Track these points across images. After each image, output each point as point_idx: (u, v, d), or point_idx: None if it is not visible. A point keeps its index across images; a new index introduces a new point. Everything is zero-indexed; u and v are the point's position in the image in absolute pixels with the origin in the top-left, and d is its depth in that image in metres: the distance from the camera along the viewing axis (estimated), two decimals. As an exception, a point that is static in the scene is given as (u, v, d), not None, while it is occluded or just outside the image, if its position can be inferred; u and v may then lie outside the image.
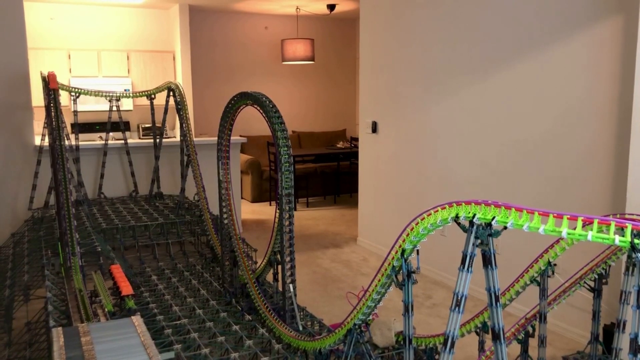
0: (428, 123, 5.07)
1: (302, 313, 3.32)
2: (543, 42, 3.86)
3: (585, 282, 2.77)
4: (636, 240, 1.28)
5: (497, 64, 4.26)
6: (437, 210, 1.77)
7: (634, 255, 1.29)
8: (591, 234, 1.33)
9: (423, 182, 5.18)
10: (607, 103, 3.47)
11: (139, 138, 7.93)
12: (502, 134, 4.27)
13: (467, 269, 1.60)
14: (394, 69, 5.51)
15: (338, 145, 9.29)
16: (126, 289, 3.02)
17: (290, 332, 2.97)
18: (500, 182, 4.30)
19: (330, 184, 8.92)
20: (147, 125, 7.90)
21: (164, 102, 5.73)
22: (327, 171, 8.87)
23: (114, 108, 5.76)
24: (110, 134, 5.89)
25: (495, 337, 1.60)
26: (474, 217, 1.58)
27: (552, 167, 3.87)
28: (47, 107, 4.41)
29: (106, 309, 2.85)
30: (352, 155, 8.54)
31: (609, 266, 2.75)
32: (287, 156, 3.02)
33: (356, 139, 7.02)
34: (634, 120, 3.06)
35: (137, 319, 2.22)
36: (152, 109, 5.89)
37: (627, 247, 1.30)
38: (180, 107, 5.41)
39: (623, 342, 2.37)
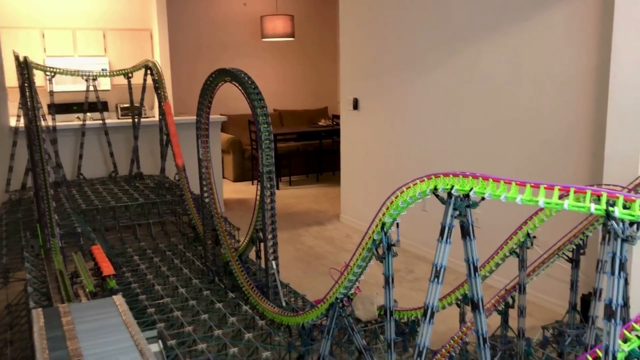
0: (409, 99, 5.07)
1: (285, 289, 3.34)
2: (522, 16, 3.85)
3: (563, 253, 2.82)
4: (611, 209, 1.30)
5: (477, 39, 4.25)
6: (416, 183, 1.77)
7: (608, 223, 1.30)
8: (567, 203, 1.34)
9: (404, 157, 5.19)
10: (586, 77, 3.49)
11: (118, 118, 7.81)
12: (482, 109, 4.28)
13: (446, 240, 1.61)
14: (375, 45, 5.48)
15: (320, 123, 9.25)
16: (107, 269, 3.00)
17: (274, 308, 2.99)
18: (481, 156, 4.33)
19: (312, 162, 8.90)
20: (125, 105, 7.78)
21: (141, 81, 5.64)
22: (310, 149, 8.85)
23: (91, 88, 5.66)
24: (88, 114, 5.80)
25: (475, 307, 1.62)
26: (452, 188, 1.58)
27: (532, 141, 3.90)
28: (22, 88, 4.32)
29: (87, 290, 2.83)
30: (334, 132, 8.52)
31: (587, 237, 2.79)
32: (267, 133, 3.00)
33: (338, 117, 7.00)
34: (610, 94, 3.09)
35: (118, 299, 2.21)
36: (130, 88, 5.80)
37: (603, 215, 1.32)
38: (158, 86, 5.34)
39: (599, 310, 2.41)
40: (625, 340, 1.51)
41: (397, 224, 1.96)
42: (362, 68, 5.72)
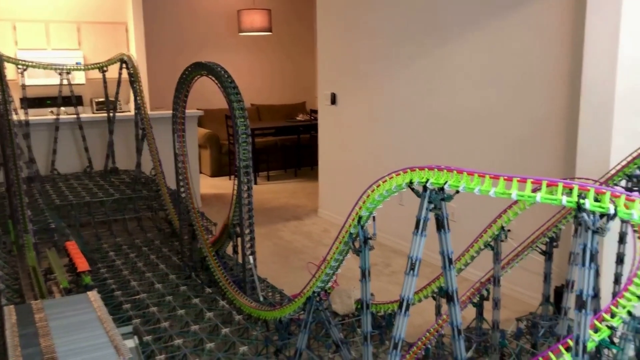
0: (386, 94, 5.09)
1: (262, 284, 3.34)
2: (497, 12, 3.89)
3: (537, 246, 2.86)
4: (582, 201, 1.32)
5: (453, 35, 4.28)
6: (392, 177, 1.78)
7: (579, 215, 1.33)
8: (540, 195, 1.37)
9: (382, 152, 5.21)
10: (559, 73, 3.54)
11: (93, 112, 7.71)
12: (458, 104, 4.32)
13: (421, 233, 1.62)
14: (352, 41, 5.48)
15: (298, 118, 9.23)
16: (82, 265, 2.96)
17: (251, 303, 2.99)
18: (457, 150, 4.37)
19: (290, 157, 8.88)
20: (100, 100, 7.68)
21: (117, 75, 5.57)
22: (288, 144, 8.83)
23: (65, 82, 5.57)
24: (62, 108, 5.70)
25: (450, 299, 1.64)
26: (427, 182, 1.60)
27: (507, 136, 3.94)
28: (-8, 81, 4.23)
29: (62, 286, 2.79)
30: (312, 127, 8.51)
31: (560, 230, 2.84)
32: (244, 127, 2.99)
33: (316, 112, 7.00)
34: (582, 90, 3.14)
35: (93, 295, 2.18)
36: (105, 82, 5.72)
37: (574, 208, 1.34)
38: (134, 80, 5.28)
39: (572, 301, 2.46)
40: (596, 330, 1.55)
41: (374, 218, 1.97)
42: (340, 63, 5.72)
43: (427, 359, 2.69)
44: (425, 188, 1.61)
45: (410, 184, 1.68)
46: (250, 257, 3.13)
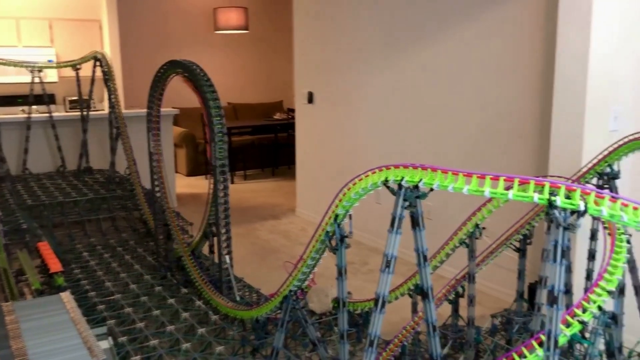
0: (362, 92, 5.10)
1: (239, 284, 3.32)
2: (472, 11, 3.93)
3: (511, 243, 2.90)
4: (553, 198, 1.34)
5: (429, 34, 4.31)
6: (368, 175, 1.79)
7: (551, 212, 1.35)
8: (512, 193, 1.38)
9: (359, 150, 5.23)
10: (533, 73, 3.59)
11: (66, 111, 7.58)
12: (433, 103, 4.35)
13: (396, 231, 1.63)
14: (329, 39, 5.49)
15: (275, 117, 9.20)
16: (55, 266, 2.91)
17: (227, 302, 2.97)
18: (433, 149, 4.40)
19: (268, 156, 8.86)
20: (73, 98, 7.55)
21: (90, 74, 5.49)
22: (265, 143, 8.80)
23: (37, 79, 5.48)
24: (34, 107, 5.60)
25: (424, 296, 1.65)
26: (402, 180, 1.60)
27: (482, 135, 3.99)
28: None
29: (33, 288, 2.74)
30: (289, 126, 8.49)
31: (533, 227, 2.88)
32: (220, 126, 2.97)
33: (293, 110, 6.99)
34: (555, 89, 3.18)
35: (66, 296, 2.14)
36: (78, 80, 5.63)
37: (546, 205, 1.36)
38: (108, 78, 5.21)
39: (545, 297, 2.50)
40: (568, 325, 1.57)
41: (350, 216, 1.98)
42: (317, 62, 5.72)
43: (404, 356, 2.71)
44: (400, 186, 1.62)
45: (385, 182, 1.69)
46: (227, 257, 3.11)
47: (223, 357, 2.53)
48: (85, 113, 5.51)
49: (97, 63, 5.41)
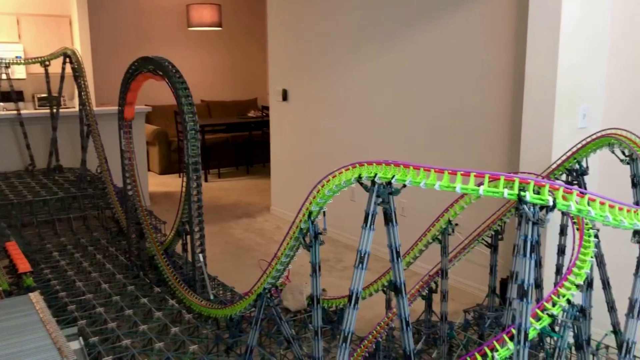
0: (337, 90, 5.11)
1: (213, 282, 3.30)
2: (445, 10, 3.96)
3: (483, 239, 2.94)
4: (522, 193, 1.36)
5: (404, 32, 4.34)
6: (342, 172, 1.80)
7: (520, 207, 1.37)
8: (482, 189, 1.40)
9: (333, 148, 5.24)
10: (503, 70, 3.64)
11: (35, 108, 7.43)
12: (407, 100, 4.38)
13: (370, 227, 1.64)
14: (303, 37, 5.48)
15: (249, 115, 9.16)
16: (23, 266, 2.87)
17: (201, 301, 2.95)
18: (407, 146, 4.43)
19: (242, 154, 8.81)
20: (43, 95, 7.40)
21: (60, 70, 5.39)
22: (239, 141, 8.75)
23: (4, 76, 5.36)
24: (1, 104, 5.48)
25: (397, 291, 1.66)
26: (375, 176, 1.61)
27: (454, 132, 4.03)
28: None
29: (1, 288, 2.69)
30: (264, 124, 8.46)
31: (505, 223, 2.92)
32: (192, 123, 2.95)
33: (268, 108, 6.96)
34: (526, 88, 3.23)
35: (35, 296, 2.11)
36: (47, 76, 5.52)
37: (516, 200, 1.38)
38: (78, 75, 5.12)
39: (516, 291, 2.54)
40: (538, 318, 1.60)
41: (324, 213, 1.98)
42: (291, 59, 5.71)
43: (378, 352, 2.73)
44: (373, 182, 1.63)
45: (359, 179, 1.69)
46: (200, 255, 3.09)
47: (197, 356, 2.51)
48: (55, 110, 5.41)
49: (67, 59, 5.31)
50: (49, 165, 5.46)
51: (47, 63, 5.48)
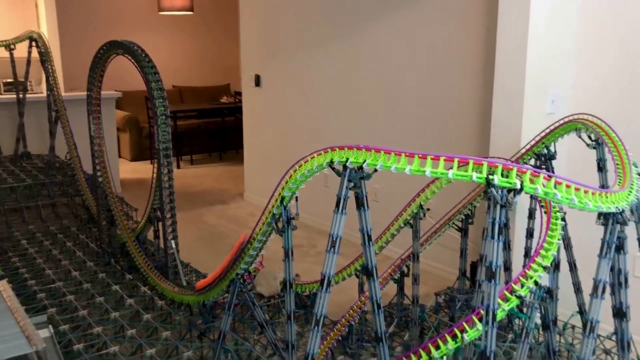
0: (309, 75, 5.09)
1: (186, 269, 3.28)
2: (417, -5, 3.98)
3: (453, 223, 2.98)
4: (490, 177, 1.38)
5: (375, 17, 4.34)
6: (313, 157, 1.80)
7: (489, 191, 1.39)
8: (452, 172, 1.42)
9: (306, 133, 5.23)
10: (474, 57, 3.68)
11: (0, 94, 7.24)
12: (379, 85, 4.39)
13: (342, 211, 1.65)
14: (275, 22, 5.44)
15: (222, 100, 9.07)
16: (-10, 254, 2.80)
17: (174, 287, 2.94)
18: (379, 130, 4.45)
19: (215, 140, 8.73)
20: (9, 80, 7.20)
21: (26, 54, 5.26)
22: (212, 127, 8.67)
23: (-33, 60, 5.20)
24: (-36, 89, 5.33)
25: (369, 275, 1.68)
26: (347, 161, 1.62)
27: (426, 117, 4.06)
28: None
29: (-33, 277, 2.63)
30: (237, 110, 8.38)
31: (475, 207, 2.97)
32: (162, 108, 2.91)
33: (240, 94, 6.90)
34: (496, 74, 3.26)
35: (2, 284, 2.07)
36: (13, 61, 5.38)
37: (484, 183, 1.40)
38: (45, 59, 5.00)
39: (485, 273, 2.58)
40: (506, 300, 1.63)
41: (296, 198, 1.98)
42: (263, 44, 5.66)
43: (351, 336, 2.76)
44: (345, 167, 1.63)
45: (331, 164, 1.70)
46: (173, 242, 3.07)
47: (169, 342, 2.50)
48: (21, 96, 5.28)
49: (33, 43, 5.18)
50: (16, 152, 5.34)
51: (12, 47, 5.34)
